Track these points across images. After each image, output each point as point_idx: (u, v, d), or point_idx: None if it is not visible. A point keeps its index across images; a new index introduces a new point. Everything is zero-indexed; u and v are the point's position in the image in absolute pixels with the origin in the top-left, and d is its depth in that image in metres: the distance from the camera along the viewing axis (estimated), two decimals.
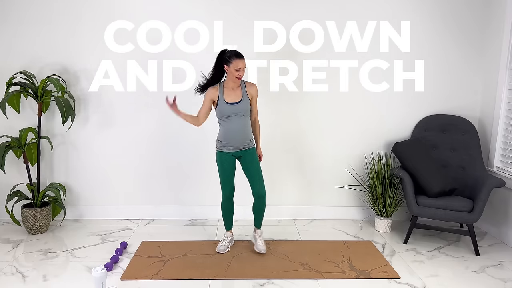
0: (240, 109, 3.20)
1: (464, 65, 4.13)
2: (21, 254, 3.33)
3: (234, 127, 3.22)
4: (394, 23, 4.03)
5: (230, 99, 3.21)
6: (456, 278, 3.08)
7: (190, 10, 3.93)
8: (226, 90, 3.24)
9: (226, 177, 3.31)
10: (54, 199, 3.84)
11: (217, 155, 3.32)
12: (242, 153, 3.30)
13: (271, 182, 4.15)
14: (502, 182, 3.46)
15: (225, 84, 3.26)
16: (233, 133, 3.22)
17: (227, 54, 3.17)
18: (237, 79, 3.18)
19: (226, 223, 3.48)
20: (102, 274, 2.61)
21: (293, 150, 4.15)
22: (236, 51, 3.18)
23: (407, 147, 3.81)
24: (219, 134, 3.30)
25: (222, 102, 3.21)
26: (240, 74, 3.16)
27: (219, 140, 3.30)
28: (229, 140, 3.24)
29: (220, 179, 3.33)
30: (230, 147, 3.26)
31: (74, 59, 3.94)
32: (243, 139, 3.26)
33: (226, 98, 3.21)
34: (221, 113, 3.22)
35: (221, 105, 3.21)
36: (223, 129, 3.26)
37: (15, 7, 3.85)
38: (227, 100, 3.21)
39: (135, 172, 4.12)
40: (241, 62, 3.14)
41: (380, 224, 3.96)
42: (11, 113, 3.96)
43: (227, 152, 3.28)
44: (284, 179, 4.19)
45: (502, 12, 3.87)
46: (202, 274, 3.03)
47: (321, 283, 2.95)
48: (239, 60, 3.13)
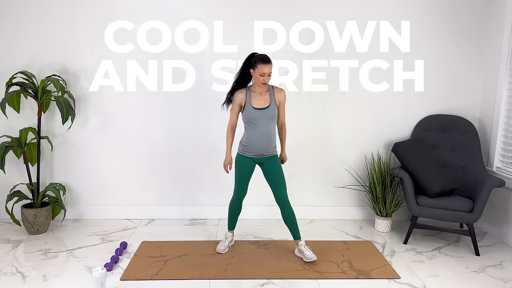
0: (267, 115, 3.15)
1: (464, 65, 4.13)
2: (21, 254, 3.33)
3: (259, 132, 3.16)
4: (394, 23, 4.03)
5: (258, 104, 3.15)
6: (456, 278, 3.08)
7: (190, 10, 3.93)
8: (254, 94, 3.18)
9: (242, 181, 3.29)
10: (54, 199, 3.84)
11: (238, 157, 3.28)
12: (264, 160, 3.25)
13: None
14: (502, 182, 3.46)
15: (252, 89, 3.21)
16: (258, 138, 3.17)
17: (254, 58, 3.12)
18: (262, 84, 3.13)
19: (230, 223, 3.48)
20: (102, 274, 2.61)
21: (292, 150, 4.14)
22: (264, 55, 3.11)
23: (407, 147, 3.81)
24: (244, 137, 3.25)
25: (250, 107, 3.15)
26: (265, 80, 3.09)
27: (243, 144, 3.25)
28: (252, 145, 3.19)
29: (236, 181, 3.31)
30: (253, 153, 3.21)
31: (74, 59, 3.94)
32: (267, 146, 3.20)
33: (254, 103, 3.15)
34: (247, 118, 3.17)
35: (248, 110, 3.15)
36: (248, 133, 3.21)
37: (15, 7, 3.85)
38: (254, 105, 3.15)
39: (135, 172, 4.12)
40: (267, 67, 3.07)
41: (380, 224, 3.96)
42: (11, 113, 3.96)
43: (248, 157, 3.24)
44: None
45: (502, 12, 3.87)
46: (202, 274, 3.03)
47: (321, 283, 2.95)
48: (264, 65, 3.07)
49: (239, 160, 3.27)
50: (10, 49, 3.90)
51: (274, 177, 3.25)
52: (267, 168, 3.26)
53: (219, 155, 4.09)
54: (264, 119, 3.15)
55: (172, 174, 4.14)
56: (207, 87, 4.02)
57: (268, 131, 3.18)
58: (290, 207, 3.28)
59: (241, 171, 3.27)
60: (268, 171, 3.26)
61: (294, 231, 3.31)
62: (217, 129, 4.08)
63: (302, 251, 3.28)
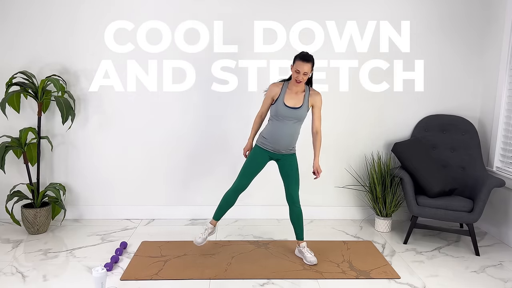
0: (296, 115, 3.10)
1: (464, 65, 4.13)
2: (21, 254, 3.33)
3: (283, 129, 3.11)
4: (394, 23, 4.03)
5: (290, 102, 3.09)
6: (456, 278, 3.08)
7: (190, 10, 3.93)
8: (289, 92, 3.12)
9: (248, 172, 3.20)
10: (54, 199, 3.84)
11: (255, 147, 3.22)
12: (281, 156, 3.20)
13: (271, 182, 4.15)
14: (502, 182, 3.46)
15: (289, 85, 3.14)
16: (281, 135, 3.11)
17: (297, 54, 3.06)
18: (296, 82, 3.05)
19: (218, 213, 3.31)
20: (102, 274, 2.61)
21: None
22: (306, 53, 3.03)
23: (407, 147, 3.81)
24: (265, 130, 3.19)
25: (281, 103, 3.09)
26: (299, 78, 3.00)
27: (263, 136, 3.18)
28: (273, 140, 3.13)
29: (242, 170, 3.22)
30: (271, 147, 3.16)
31: (74, 59, 3.94)
32: (287, 144, 3.15)
33: (287, 101, 3.09)
34: (276, 112, 3.11)
35: (279, 105, 3.09)
36: (271, 127, 3.15)
37: (15, 7, 3.85)
38: (287, 102, 3.08)
39: (135, 172, 4.12)
40: (302, 65, 2.97)
41: (380, 224, 3.96)
42: (11, 113, 3.96)
43: (265, 150, 3.18)
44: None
45: (502, 12, 3.87)
46: (202, 274, 3.03)
47: (321, 283, 2.95)
48: (300, 62, 2.99)
49: (255, 151, 3.21)
50: (10, 49, 3.90)
51: (289, 175, 3.21)
52: (283, 164, 3.22)
53: (219, 155, 4.10)
54: (292, 119, 3.10)
55: (172, 174, 4.14)
56: (207, 87, 4.02)
57: (292, 131, 3.13)
58: (299, 207, 3.27)
59: (253, 161, 3.19)
60: (284, 167, 3.22)
61: (298, 231, 3.30)
62: (217, 129, 4.08)
63: (303, 253, 3.28)
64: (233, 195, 3.26)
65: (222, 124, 4.08)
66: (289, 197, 3.25)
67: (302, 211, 4.17)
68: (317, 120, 3.23)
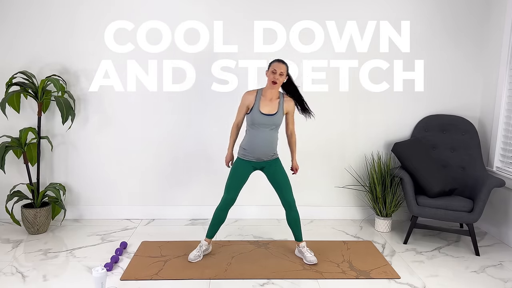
0: (273, 122, 3.12)
1: (464, 65, 4.13)
2: (21, 254, 3.33)
3: (261, 137, 3.13)
4: (394, 23, 4.03)
5: (265, 109, 3.11)
6: (456, 278, 3.08)
7: (190, 10, 3.93)
8: (264, 99, 3.15)
9: (234, 184, 3.19)
10: (54, 199, 3.84)
11: (236, 160, 3.23)
12: (265, 164, 3.21)
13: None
14: (502, 182, 3.46)
15: (263, 92, 3.17)
16: (259, 143, 3.13)
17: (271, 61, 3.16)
18: (272, 83, 3.08)
19: (210, 231, 3.28)
20: (102, 274, 2.61)
21: None
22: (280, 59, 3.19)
23: (407, 147, 3.81)
24: (244, 141, 3.21)
25: (257, 111, 3.11)
26: (275, 78, 3.06)
27: (243, 148, 3.20)
28: (253, 149, 3.14)
29: (227, 183, 3.21)
30: (252, 157, 3.17)
31: (74, 59, 3.94)
32: (267, 151, 3.16)
33: (262, 108, 3.11)
34: (252, 121, 3.13)
35: (255, 113, 3.11)
36: (249, 137, 3.17)
37: (15, 7, 3.85)
38: (262, 110, 3.10)
39: (135, 172, 4.12)
40: (278, 65, 3.07)
41: (380, 224, 3.96)
42: (11, 113, 3.96)
43: (248, 161, 3.20)
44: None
45: (502, 12, 3.88)
46: (202, 274, 3.03)
47: (321, 283, 2.95)
48: (276, 63, 3.09)
49: (237, 164, 3.22)
50: (10, 49, 3.90)
51: (278, 181, 3.22)
52: (269, 171, 3.23)
53: (219, 155, 4.09)
54: (268, 126, 3.12)
55: (172, 174, 4.14)
56: (207, 87, 4.02)
57: (270, 137, 3.15)
58: (296, 210, 3.26)
59: (237, 174, 3.19)
60: (271, 174, 3.23)
61: (297, 233, 3.30)
62: (217, 128, 4.08)
63: (303, 253, 3.28)
64: (223, 211, 3.23)
65: (222, 124, 4.07)
66: (285, 202, 3.24)
67: (302, 211, 4.20)
68: (291, 124, 3.29)
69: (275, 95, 3.17)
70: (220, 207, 3.23)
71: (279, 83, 3.10)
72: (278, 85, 3.11)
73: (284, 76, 3.11)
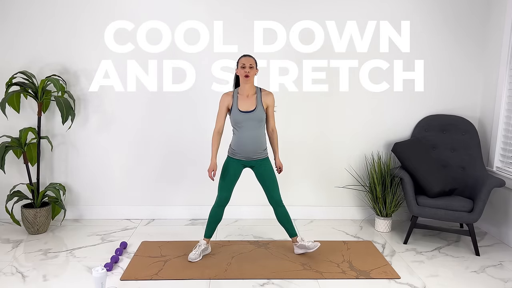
0: (254, 118, 3.11)
1: (464, 65, 4.13)
2: (21, 254, 3.33)
3: (247, 135, 3.13)
4: (394, 23, 4.03)
5: (244, 107, 3.12)
6: (456, 278, 3.08)
7: (190, 10, 3.93)
8: (241, 97, 3.16)
9: (226, 183, 3.21)
10: (54, 199, 3.84)
11: (226, 159, 3.25)
12: (255, 163, 3.22)
13: None
14: (502, 182, 3.46)
15: (239, 91, 3.18)
16: (246, 141, 3.13)
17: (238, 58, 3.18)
18: (244, 78, 3.10)
19: (207, 231, 3.29)
20: (102, 274, 2.61)
21: (293, 150, 4.15)
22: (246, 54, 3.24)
23: (407, 147, 3.81)
24: (232, 141, 3.22)
25: (236, 110, 3.12)
26: (247, 72, 3.09)
27: (232, 148, 3.22)
28: (241, 148, 3.15)
29: (219, 183, 3.23)
30: (242, 156, 3.18)
31: (74, 59, 3.94)
32: (256, 148, 3.17)
33: (240, 106, 3.12)
34: (234, 121, 3.14)
35: (235, 113, 3.12)
36: (236, 137, 3.17)
37: (15, 7, 3.85)
38: (240, 108, 3.12)
39: (135, 172, 4.12)
40: (245, 59, 3.11)
41: (380, 224, 3.96)
42: (11, 113, 3.96)
43: (237, 159, 3.21)
44: (284, 179, 4.18)
45: (502, 12, 3.88)
46: (202, 274, 3.03)
47: (321, 283, 2.95)
48: (243, 58, 3.13)
49: (228, 162, 3.23)
50: (10, 49, 3.90)
51: (266, 179, 3.23)
52: (258, 170, 3.24)
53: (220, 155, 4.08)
54: (251, 122, 3.12)
55: (172, 174, 4.14)
56: (207, 87, 4.02)
57: (256, 134, 3.14)
58: (283, 206, 3.28)
59: (228, 173, 3.20)
60: (260, 173, 3.24)
61: (290, 229, 3.32)
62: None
63: (304, 245, 3.29)
64: (218, 210, 3.25)
65: None
66: (272, 200, 3.25)
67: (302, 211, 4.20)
68: (271, 119, 3.26)
69: (252, 91, 3.17)
70: (215, 205, 3.25)
71: (251, 76, 3.12)
72: (251, 78, 3.12)
73: (254, 69, 3.13)
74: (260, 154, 3.21)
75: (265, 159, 3.25)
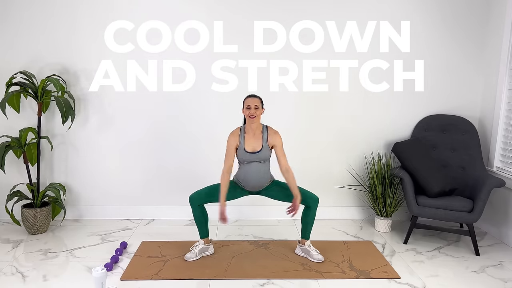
0: (259, 158, 3.14)
1: (464, 65, 4.13)
2: (21, 254, 3.33)
3: (252, 171, 3.15)
4: (394, 23, 4.03)
5: (250, 147, 3.13)
6: (456, 278, 3.08)
7: (190, 10, 3.93)
8: (247, 136, 3.16)
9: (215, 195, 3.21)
10: (54, 199, 3.84)
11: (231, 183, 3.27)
12: (262, 190, 3.27)
13: None
14: (502, 182, 3.46)
15: (246, 129, 3.18)
16: (251, 177, 3.16)
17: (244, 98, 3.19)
18: (250, 118, 3.10)
19: (199, 231, 3.29)
20: (102, 274, 2.61)
21: (293, 150, 4.15)
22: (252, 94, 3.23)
23: (407, 147, 3.81)
24: (238, 172, 3.24)
25: (242, 150, 3.14)
26: (251, 113, 3.08)
27: (237, 179, 3.25)
28: (246, 182, 3.19)
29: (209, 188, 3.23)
30: (248, 187, 3.22)
31: (74, 59, 3.94)
32: (261, 182, 3.20)
33: (247, 147, 3.13)
34: (241, 159, 3.18)
35: (241, 153, 3.14)
36: (242, 171, 3.20)
37: (15, 7, 3.85)
38: (247, 149, 3.13)
39: (135, 172, 4.12)
40: (251, 100, 3.10)
41: (380, 224, 3.96)
42: (11, 113, 3.96)
43: (243, 188, 3.26)
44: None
45: (502, 12, 3.87)
46: (202, 274, 3.03)
47: (321, 283, 2.95)
48: (248, 99, 3.12)
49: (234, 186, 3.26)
50: (10, 49, 3.90)
51: (280, 197, 3.27)
52: (267, 194, 3.28)
53: (219, 155, 4.09)
54: (257, 161, 3.15)
55: (172, 174, 4.14)
56: (207, 87, 4.02)
57: (261, 171, 3.17)
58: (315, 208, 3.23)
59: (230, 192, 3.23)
60: (271, 195, 3.28)
61: (306, 231, 3.29)
62: (218, 128, 4.08)
63: (309, 251, 3.29)
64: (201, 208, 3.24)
65: (222, 124, 4.07)
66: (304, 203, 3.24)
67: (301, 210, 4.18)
68: (282, 158, 3.18)
69: (258, 129, 3.17)
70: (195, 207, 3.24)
71: (257, 117, 3.11)
72: (257, 118, 3.11)
73: (260, 109, 3.13)
74: (266, 184, 3.25)
75: (273, 182, 3.29)
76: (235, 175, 3.29)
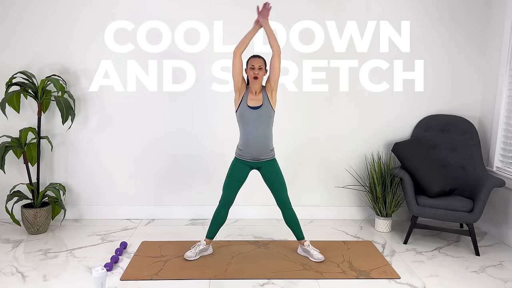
0: (260, 115, 3.12)
1: (464, 65, 4.13)
2: (21, 254, 3.33)
3: (254, 135, 3.12)
4: (394, 23, 4.03)
5: (252, 103, 3.13)
6: (456, 278, 3.08)
7: (190, 10, 3.93)
8: (250, 94, 3.17)
9: (231, 183, 3.21)
10: (54, 199, 3.84)
11: (234, 161, 3.25)
12: (262, 164, 3.20)
13: None
14: (502, 182, 3.46)
15: (250, 89, 3.20)
16: (252, 141, 3.12)
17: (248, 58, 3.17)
18: (253, 79, 3.10)
19: (209, 231, 3.28)
20: (102, 274, 2.61)
21: (292, 150, 4.15)
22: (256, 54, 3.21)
23: (407, 147, 3.81)
24: (239, 141, 3.22)
25: (244, 105, 3.14)
26: (255, 73, 3.09)
27: (239, 148, 3.22)
28: (248, 148, 3.15)
29: (224, 184, 3.24)
30: (249, 157, 3.17)
31: (74, 59, 3.94)
32: (263, 148, 3.16)
33: (249, 102, 3.14)
34: (241, 116, 3.14)
35: (243, 107, 3.13)
36: (243, 136, 3.17)
37: (15, 7, 3.85)
38: (249, 103, 3.13)
39: (135, 172, 4.12)
40: (255, 60, 3.11)
41: (380, 224, 3.96)
42: (11, 113, 3.96)
43: (245, 160, 3.20)
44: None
45: (502, 12, 3.87)
46: (202, 274, 3.03)
47: (321, 283, 2.95)
48: (253, 59, 3.13)
49: (234, 164, 3.23)
50: (10, 49, 3.90)
51: (274, 181, 3.22)
52: (265, 172, 3.23)
53: (220, 154, 4.09)
54: (258, 119, 3.12)
55: (172, 174, 4.14)
56: (207, 87, 4.02)
57: (263, 133, 3.14)
58: (292, 209, 3.27)
59: (233, 174, 3.20)
60: (267, 175, 3.23)
61: (297, 232, 3.31)
62: (218, 128, 4.08)
63: (309, 251, 3.28)
64: (223, 210, 3.25)
65: (222, 124, 4.08)
66: (280, 202, 3.25)
67: (302, 211, 4.20)
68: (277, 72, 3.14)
69: (259, 89, 3.18)
70: (220, 206, 3.26)
71: (260, 77, 3.12)
72: (259, 79, 3.12)
73: (263, 70, 3.14)
74: (267, 154, 3.20)
75: (272, 160, 3.24)
76: (237, 147, 3.24)
